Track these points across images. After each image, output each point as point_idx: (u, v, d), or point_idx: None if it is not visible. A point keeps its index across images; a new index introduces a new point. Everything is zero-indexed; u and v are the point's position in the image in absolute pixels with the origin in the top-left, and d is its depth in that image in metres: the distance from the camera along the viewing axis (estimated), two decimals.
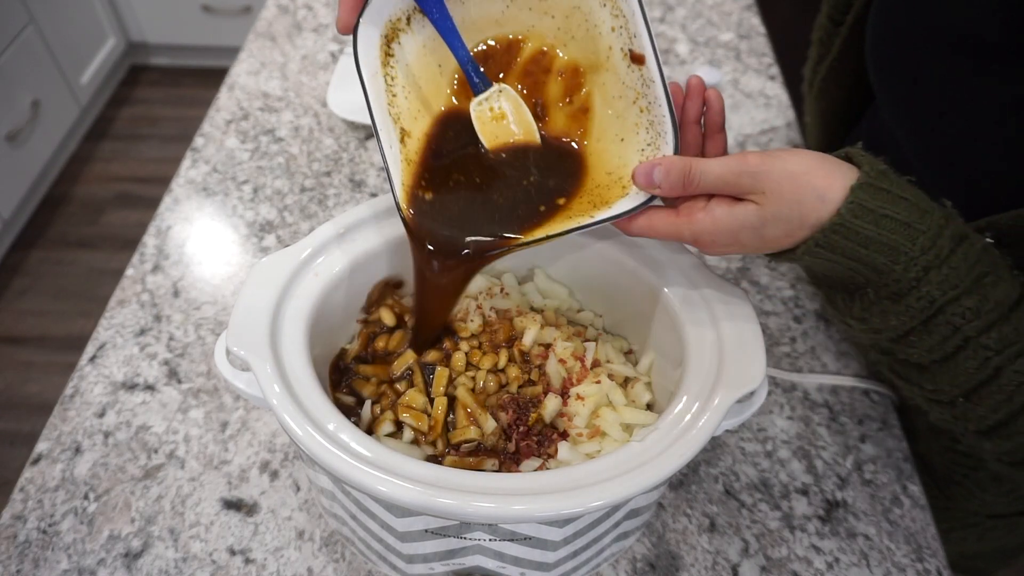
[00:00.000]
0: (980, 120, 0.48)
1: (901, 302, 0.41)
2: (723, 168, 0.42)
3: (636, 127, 0.47)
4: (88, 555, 0.56)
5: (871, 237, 0.40)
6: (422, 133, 0.49)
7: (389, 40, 0.46)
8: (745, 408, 0.46)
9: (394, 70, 0.47)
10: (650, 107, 0.46)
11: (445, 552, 0.47)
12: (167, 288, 0.75)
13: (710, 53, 1.07)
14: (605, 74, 0.48)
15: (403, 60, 0.47)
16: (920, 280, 0.40)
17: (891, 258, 0.40)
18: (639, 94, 0.46)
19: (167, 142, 2.26)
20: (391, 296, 0.58)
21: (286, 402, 0.41)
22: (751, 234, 0.43)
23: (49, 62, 1.99)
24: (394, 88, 0.47)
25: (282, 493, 0.60)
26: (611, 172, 0.48)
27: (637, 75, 0.46)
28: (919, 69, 0.51)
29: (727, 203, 0.43)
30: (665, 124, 0.45)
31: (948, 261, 0.40)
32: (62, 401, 0.66)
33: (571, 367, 0.53)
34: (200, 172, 0.88)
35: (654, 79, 0.45)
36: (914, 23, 0.51)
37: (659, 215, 0.45)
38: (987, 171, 0.49)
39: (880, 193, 0.40)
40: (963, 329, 0.41)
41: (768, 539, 0.59)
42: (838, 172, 0.41)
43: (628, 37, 0.45)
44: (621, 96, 0.47)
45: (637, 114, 0.47)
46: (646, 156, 0.46)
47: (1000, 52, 0.45)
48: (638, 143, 0.47)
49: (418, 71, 0.49)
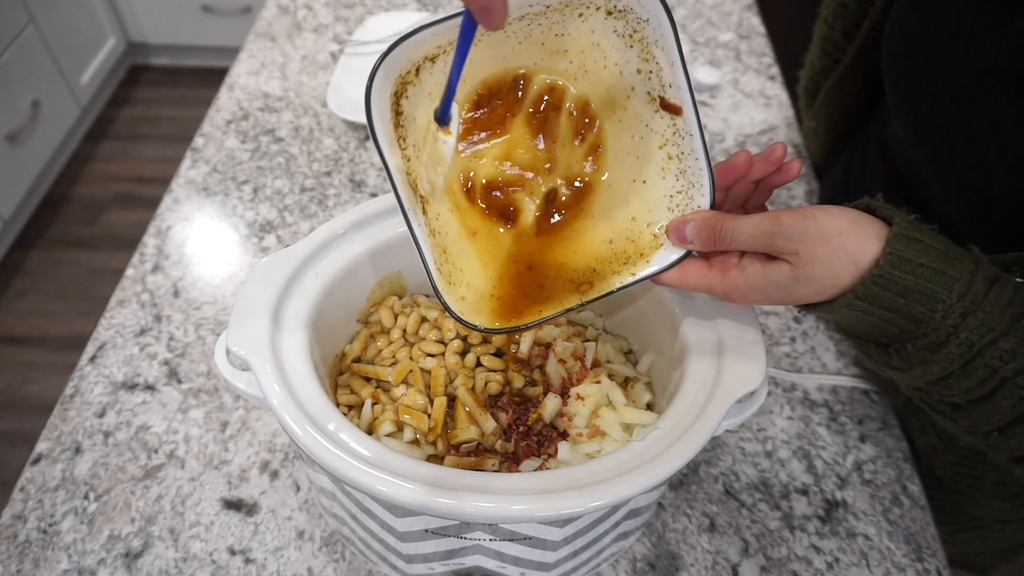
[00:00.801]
0: (1002, 144, 0.48)
1: (941, 351, 0.41)
2: (756, 229, 0.42)
3: (663, 172, 0.46)
4: (88, 555, 0.56)
5: (909, 287, 0.40)
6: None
7: (398, 96, 0.43)
8: (745, 408, 0.46)
9: (404, 130, 0.44)
10: (682, 156, 0.45)
11: (445, 552, 0.47)
12: (167, 288, 0.75)
13: (710, 53, 1.07)
14: (622, 112, 0.46)
15: (410, 116, 0.44)
16: (958, 327, 0.40)
17: (929, 307, 0.40)
18: (667, 140, 0.45)
19: (167, 142, 2.26)
20: (391, 296, 0.58)
21: (286, 402, 0.41)
22: (782, 292, 0.43)
23: (49, 62, 1.99)
24: (407, 151, 0.44)
25: (282, 493, 0.60)
26: (636, 217, 0.47)
27: (667, 122, 0.44)
28: (940, 90, 0.51)
29: (760, 262, 0.43)
30: (702, 177, 0.44)
31: (983, 306, 0.40)
32: (62, 401, 0.66)
33: (571, 367, 0.53)
34: (200, 172, 0.88)
35: (692, 132, 0.43)
36: (937, 46, 0.51)
37: (691, 268, 0.45)
38: (1004, 191, 0.49)
39: (913, 243, 0.40)
40: (1000, 371, 0.41)
41: (768, 539, 0.59)
42: (870, 233, 0.41)
43: (660, 85, 0.43)
44: (643, 138, 0.46)
45: (665, 160, 0.45)
46: (675, 203, 0.46)
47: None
48: (665, 188, 0.46)
49: (424, 122, 0.45)
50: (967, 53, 0.48)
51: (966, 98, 0.49)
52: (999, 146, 0.48)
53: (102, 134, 2.28)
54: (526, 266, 0.48)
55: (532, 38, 0.44)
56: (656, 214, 0.46)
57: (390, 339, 0.55)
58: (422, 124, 0.45)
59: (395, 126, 0.43)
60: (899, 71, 0.56)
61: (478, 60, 0.45)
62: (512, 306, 0.47)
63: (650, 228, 0.46)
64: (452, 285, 0.46)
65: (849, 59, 0.65)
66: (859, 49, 0.63)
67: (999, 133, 0.48)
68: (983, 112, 0.48)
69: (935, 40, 0.51)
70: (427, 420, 0.50)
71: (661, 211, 0.46)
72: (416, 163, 0.44)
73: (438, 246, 0.45)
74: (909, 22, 0.54)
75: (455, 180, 0.48)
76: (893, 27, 0.56)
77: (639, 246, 0.47)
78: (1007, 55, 0.46)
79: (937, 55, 0.51)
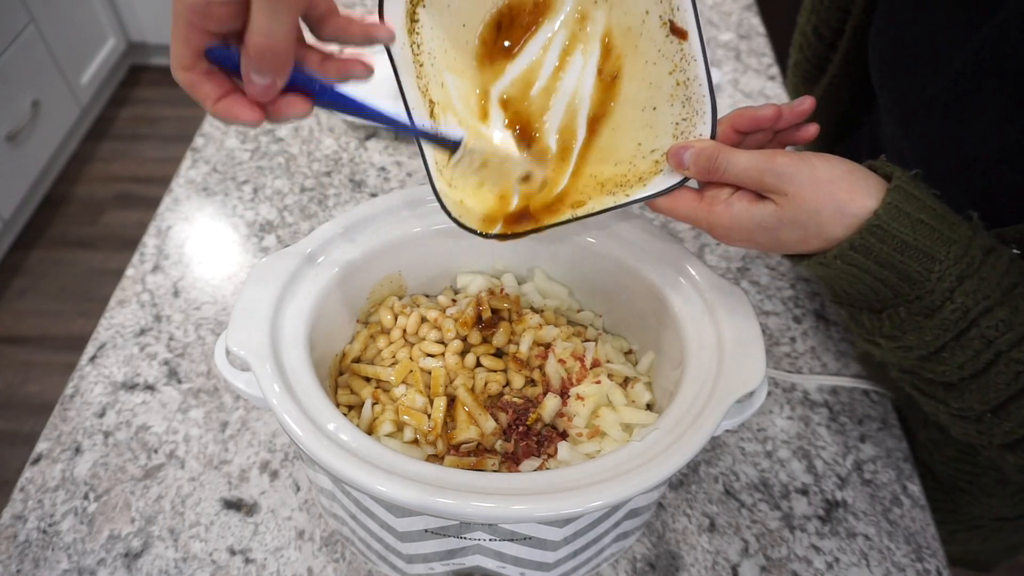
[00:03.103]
0: (985, 138, 0.48)
1: (935, 316, 0.40)
2: (749, 162, 0.42)
3: (671, 98, 0.46)
4: (88, 555, 0.56)
5: (907, 242, 0.39)
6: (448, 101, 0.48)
7: (415, 3, 0.44)
8: (745, 408, 0.46)
9: (419, 36, 0.45)
10: (688, 83, 0.45)
11: (445, 552, 0.47)
12: (167, 288, 0.75)
13: (710, 53, 1.07)
14: (639, 39, 0.46)
15: (428, 24, 0.45)
16: (954, 291, 0.39)
17: (926, 266, 0.39)
18: (676, 66, 0.45)
19: (167, 142, 2.26)
20: (391, 297, 0.58)
21: (286, 402, 0.41)
22: (765, 234, 0.43)
23: (49, 62, 1.99)
24: (420, 57, 0.45)
25: (282, 493, 0.60)
26: (642, 143, 0.47)
27: (676, 47, 0.45)
28: (926, 85, 0.51)
29: (748, 199, 0.43)
30: (704, 104, 0.44)
31: (979, 271, 0.39)
32: (62, 401, 0.66)
33: (571, 367, 0.53)
34: (200, 172, 0.88)
35: (696, 57, 0.44)
36: (922, 42, 0.51)
37: (684, 198, 0.45)
38: (996, 187, 0.49)
39: (913, 199, 0.40)
40: (996, 343, 0.40)
41: (768, 539, 0.59)
42: (863, 186, 0.40)
43: (670, 7, 0.44)
44: (656, 63, 0.46)
45: (673, 86, 0.45)
46: (680, 129, 0.46)
47: (1021, 78, 0.44)
48: (671, 115, 0.46)
49: (442, 33, 0.46)
50: (950, 48, 0.48)
51: (950, 92, 0.49)
52: (983, 140, 0.48)
53: (102, 134, 2.28)
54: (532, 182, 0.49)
55: None
56: (661, 140, 0.46)
57: (390, 339, 0.55)
58: (442, 35, 0.46)
59: (409, 31, 0.44)
60: (886, 68, 0.56)
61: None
62: (511, 214, 0.48)
63: (653, 154, 0.47)
64: (452, 188, 0.46)
65: (836, 67, 0.64)
66: (845, 55, 0.63)
67: (982, 127, 0.48)
68: (967, 106, 0.48)
69: (919, 35, 0.51)
70: (427, 420, 0.50)
71: (666, 138, 0.46)
72: (429, 69, 0.45)
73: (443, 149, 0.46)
74: (894, 19, 0.54)
75: (471, 94, 0.48)
76: (879, 24, 0.57)
77: (639, 170, 0.47)
78: (988, 49, 0.46)
79: (922, 50, 0.51)
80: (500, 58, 0.48)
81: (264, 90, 0.37)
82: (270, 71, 0.36)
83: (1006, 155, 0.47)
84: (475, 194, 0.48)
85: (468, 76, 0.48)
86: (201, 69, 0.37)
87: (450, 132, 0.45)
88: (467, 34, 0.47)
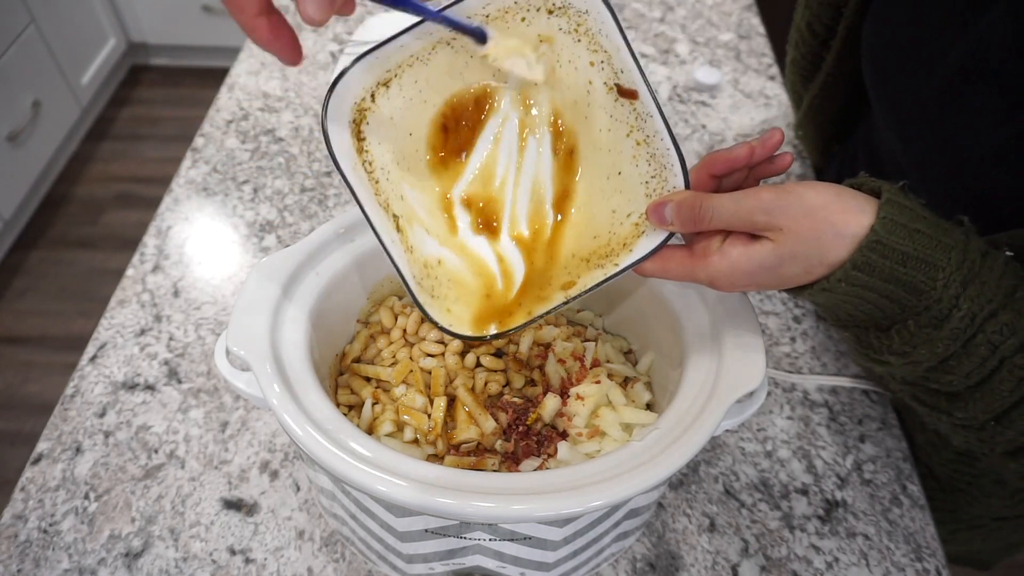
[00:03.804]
0: (983, 142, 0.47)
1: (944, 326, 0.40)
2: (736, 205, 0.40)
3: (634, 159, 0.45)
4: (89, 555, 0.56)
5: (908, 253, 0.39)
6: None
7: (358, 123, 0.44)
8: (745, 408, 0.46)
9: (369, 155, 0.44)
10: (648, 140, 0.44)
11: (445, 552, 0.47)
12: (167, 288, 0.75)
13: (710, 53, 1.07)
14: (588, 109, 0.46)
15: (375, 140, 0.45)
16: (959, 297, 0.39)
17: (930, 275, 0.39)
18: (632, 127, 0.45)
19: (167, 142, 2.26)
20: (391, 297, 0.58)
21: (286, 402, 0.41)
22: (768, 274, 0.41)
23: (50, 62, 2.00)
24: (375, 174, 0.44)
25: (282, 493, 0.60)
26: (616, 209, 0.46)
27: (628, 109, 0.44)
28: (917, 87, 0.51)
29: (742, 243, 0.41)
30: (670, 157, 0.43)
31: (980, 275, 0.39)
32: (62, 401, 0.66)
33: (570, 367, 0.53)
34: (200, 172, 0.88)
35: (651, 113, 0.43)
36: (913, 43, 0.51)
37: (674, 257, 0.44)
38: (990, 189, 0.49)
39: (905, 210, 0.39)
40: (1000, 348, 0.40)
41: (768, 539, 0.59)
42: (854, 206, 0.40)
43: (613, 72, 0.44)
44: (610, 129, 0.45)
45: (633, 147, 0.45)
46: (651, 188, 0.45)
47: (1012, 80, 0.44)
48: (639, 175, 0.45)
49: (391, 147, 0.46)
50: (940, 49, 0.48)
51: (942, 94, 0.49)
52: (976, 142, 0.48)
53: (102, 134, 2.28)
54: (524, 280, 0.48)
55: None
56: (635, 203, 0.46)
57: (390, 339, 0.55)
58: (391, 148, 0.45)
59: (359, 151, 0.44)
60: (879, 72, 0.56)
61: (435, 80, 0.45)
62: (500, 310, 0.47)
63: (631, 218, 0.46)
64: (436, 299, 0.46)
65: (829, 67, 0.64)
66: (838, 56, 0.63)
67: (973, 128, 0.48)
68: (958, 107, 0.48)
69: (911, 37, 0.51)
70: (427, 420, 0.50)
71: (640, 199, 0.45)
72: (386, 185, 0.45)
73: (416, 261, 0.45)
74: (886, 21, 0.54)
75: (433, 202, 0.47)
76: (871, 26, 0.56)
77: (621, 237, 0.46)
78: (977, 50, 0.45)
79: (913, 52, 0.51)
80: (454, 161, 0.48)
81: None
82: None
83: (999, 156, 0.47)
84: (460, 299, 0.47)
85: (426, 184, 0.47)
86: None
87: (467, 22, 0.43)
88: (415, 143, 0.47)
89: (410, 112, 0.45)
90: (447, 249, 0.47)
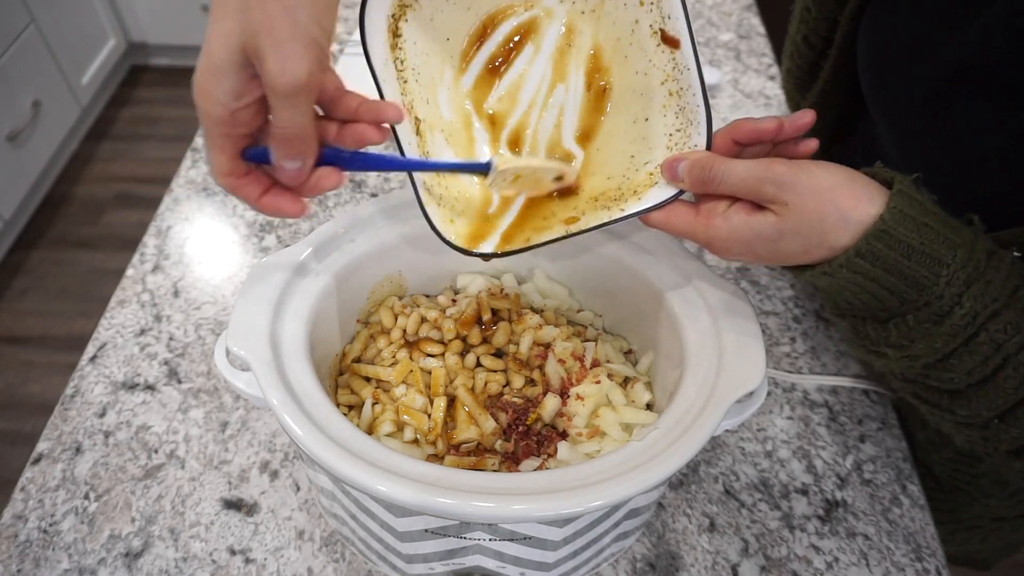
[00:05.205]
0: (980, 145, 0.47)
1: (944, 322, 0.40)
2: (747, 172, 0.41)
3: (664, 109, 0.45)
4: (89, 555, 0.56)
5: (914, 247, 0.38)
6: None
7: (397, 19, 0.43)
8: (745, 408, 0.46)
9: (403, 52, 0.44)
10: (681, 92, 0.44)
11: (445, 552, 0.47)
12: (167, 288, 0.75)
13: (710, 53, 1.07)
14: (629, 49, 0.45)
15: (411, 39, 0.44)
16: (962, 295, 0.39)
17: (934, 271, 0.39)
18: (668, 76, 0.44)
19: (167, 142, 2.26)
20: (391, 297, 0.58)
21: (286, 402, 0.41)
22: (766, 246, 0.41)
23: (50, 62, 2.00)
24: (404, 73, 0.44)
25: (282, 493, 0.60)
26: (635, 155, 0.46)
27: (667, 57, 0.44)
28: (911, 90, 0.51)
29: (746, 211, 0.42)
30: (699, 113, 0.43)
31: (985, 275, 0.39)
32: (63, 401, 0.66)
33: (571, 367, 0.53)
34: (200, 172, 0.88)
35: (689, 66, 0.43)
36: (906, 46, 0.51)
37: (679, 212, 0.44)
38: (986, 191, 0.49)
39: (916, 203, 0.39)
40: (1004, 347, 0.39)
41: (768, 539, 0.59)
42: (864, 193, 0.39)
43: (661, 16, 0.43)
44: (647, 74, 0.45)
45: (666, 96, 0.45)
46: (673, 141, 0.45)
47: (1006, 83, 0.44)
48: (665, 126, 0.45)
49: (426, 48, 0.45)
50: (933, 53, 0.48)
51: (934, 97, 0.49)
52: (972, 144, 0.48)
53: (102, 134, 2.29)
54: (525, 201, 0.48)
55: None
56: (655, 153, 0.45)
57: (390, 339, 0.55)
58: (426, 51, 0.45)
59: (392, 47, 0.44)
60: (874, 75, 0.56)
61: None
62: (503, 235, 0.47)
63: (647, 167, 0.46)
64: (442, 208, 0.46)
65: (827, 74, 0.64)
66: (835, 63, 0.63)
67: (970, 131, 0.47)
68: (954, 111, 0.48)
69: (905, 40, 0.51)
70: (427, 420, 0.50)
71: (660, 150, 0.45)
72: (414, 86, 0.45)
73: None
74: (881, 27, 0.54)
75: (460, 111, 0.47)
76: (866, 32, 0.56)
77: (634, 184, 0.46)
78: (968, 54, 0.45)
79: (906, 55, 0.51)
80: (485, 76, 0.47)
81: (297, 173, 0.40)
82: (299, 155, 0.40)
83: (994, 159, 0.47)
84: (464, 213, 0.47)
85: (453, 95, 0.47)
86: (240, 172, 0.41)
87: (477, 163, 0.45)
88: (450, 49, 0.46)
89: (452, 17, 0.45)
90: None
